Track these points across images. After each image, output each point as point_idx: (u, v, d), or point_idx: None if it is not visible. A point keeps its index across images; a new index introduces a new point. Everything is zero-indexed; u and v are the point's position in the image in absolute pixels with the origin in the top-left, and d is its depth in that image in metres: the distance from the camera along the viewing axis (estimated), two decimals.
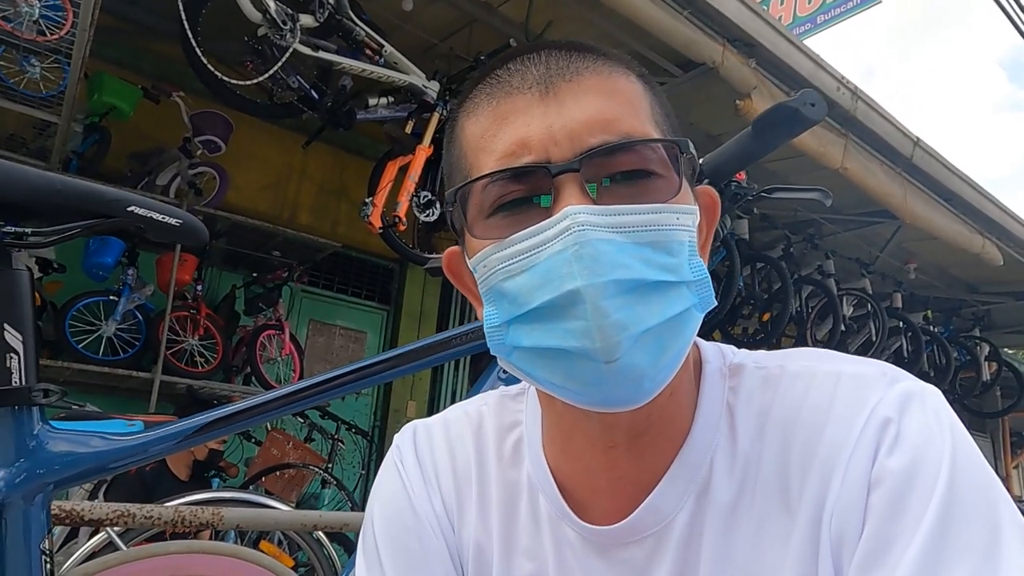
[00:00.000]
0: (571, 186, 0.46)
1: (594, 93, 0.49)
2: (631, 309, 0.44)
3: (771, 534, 0.49)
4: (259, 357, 3.90)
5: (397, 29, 3.67)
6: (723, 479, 0.51)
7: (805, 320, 5.28)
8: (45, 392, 0.67)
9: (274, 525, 1.78)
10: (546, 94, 0.49)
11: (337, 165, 4.81)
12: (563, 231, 0.45)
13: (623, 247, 0.45)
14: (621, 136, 0.48)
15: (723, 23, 3.62)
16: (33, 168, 0.68)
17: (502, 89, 0.51)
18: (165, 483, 2.81)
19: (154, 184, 3.76)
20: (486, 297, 0.50)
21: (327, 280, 4.91)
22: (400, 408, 5.03)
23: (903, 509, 0.45)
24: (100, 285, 3.63)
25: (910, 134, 4.72)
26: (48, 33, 2.55)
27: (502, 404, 0.63)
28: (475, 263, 0.50)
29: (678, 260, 0.47)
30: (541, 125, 0.48)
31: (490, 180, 0.48)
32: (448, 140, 0.56)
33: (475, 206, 0.49)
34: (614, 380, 0.45)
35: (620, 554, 0.53)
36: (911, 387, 0.49)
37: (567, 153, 0.47)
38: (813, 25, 6.76)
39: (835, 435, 0.49)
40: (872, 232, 5.58)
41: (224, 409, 0.78)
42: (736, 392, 0.54)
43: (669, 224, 0.47)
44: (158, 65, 4.00)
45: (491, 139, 0.50)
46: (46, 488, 0.66)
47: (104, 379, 3.47)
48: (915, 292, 6.44)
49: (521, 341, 0.47)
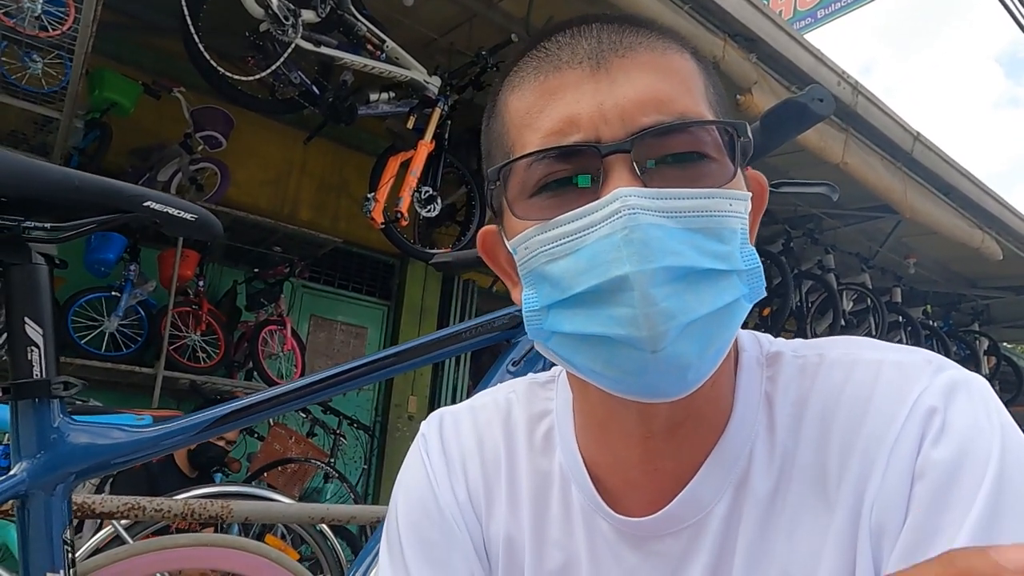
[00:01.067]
0: (621, 167, 0.44)
1: (648, 70, 0.47)
2: (680, 298, 0.43)
3: (808, 525, 0.48)
4: (261, 352, 3.91)
5: (398, 24, 3.66)
6: (762, 470, 0.50)
7: (805, 315, 5.30)
8: (65, 384, 0.68)
9: (282, 518, 1.80)
10: (597, 69, 0.46)
11: (338, 161, 4.81)
12: (612, 214, 0.43)
13: (674, 233, 0.43)
14: (675, 116, 0.45)
15: (724, 18, 3.62)
16: (52, 164, 0.69)
17: (550, 63, 0.48)
18: (170, 477, 2.82)
19: (155, 180, 3.76)
20: (526, 280, 0.48)
21: (328, 276, 4.92)
22: (401, 403, 5.04)
23: (949, 501, 0.43)
24: (102, 281, 3.63)
25: (910, 129, 4.72)
26: (50, 29, 2.55)
27: (531, 392, 0.61)
28: (515, 244, 0.48)
29: (730, 248, 0.45)
30: (591, 102, 0.46)
31: (535, 158, 0.46)
32: (489, 115, 0.54)
33: (517, 185, 0.47)
34: (658, 370, 0.43)
35: (656, 546, 0.52)
36: (957, 375, 0.47)
37: (618, 132, 0.45)
38: (814, 20, 6.76)
39: (877, 425, 0.47)
40: (872, 227, 5.59)
41: (233, 404, 0.79)
42: (774, 381, 0.52)
43: (722, 210, 0.45)
44: (159, 61, 4.00)
45: (537, 115, 0.47)
46: (67, 479, 0.67)
47: (107, 375, 3.48)
48: (915, 287, 6.46)
49: (562, 326, 0.46)
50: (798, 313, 5.23)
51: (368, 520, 1.48)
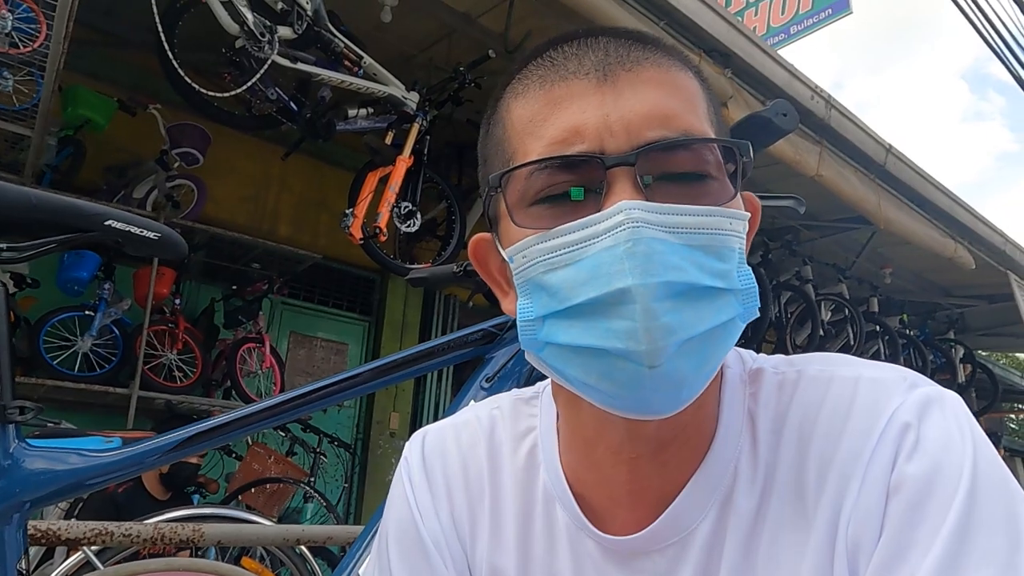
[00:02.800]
0: (624, 180, 0.44)
1: (654, 85, 0.47)
2: (680, 313, 0.43)
3: (788, 541, 0.48)
4: (239, 371, 3.86)
5: (376, 40, 3.67)
6: (745, 487, 0.50)
7: (785, 325, 5.34)
8: (21, 409, 0.66)
9: (257, 540, 1.76)
10: (604, 81, 0.46)
11: (317, 176, 4.79)
12: (616, 226, 0.43)
13: (676, 248, 0.43)
14: (680, 133, 0.46)
15: (699, 34, 3.67)
16: (8, 183, 0.68)
17: (556, 72, 0.48)
18: (140, 502, 2.75)
19: (131, 197, 3.72)
20: (522, 289, 0.47)
21: (308, 292, 4.88)
22: (383, 420, 4.99)
23: (922, 516, 0.43)
24: (75, 300, 3.57)
25: (882, 141, 4.81)
26: (21, 46, 2.52)
27: (516, 409, 0.61)
28: (513, 252, 0.47)
29: (729, 267, 0.45)
30: (597, 113, 0.46)
31: (538, 167, 0.46)
32: (490, 121, 0.53)
33: (518, 192, 0.47)
34: (653, 386, 0.43)
35: (640, 564, 0.51)
36: (931, 392, 0.48)
37: (623, 145, 0.45)
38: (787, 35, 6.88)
39: (853, 441, 0.47)
40: (848, 238, 5.66)
41: (204, 424, 0.78)
42: (756, 398, 0.53)
43: (723, 229, 0.45)
44: (134, 77, 3.97)
45: (541, 124, 0.47)
46: (23, 507, 0.64)
47: (80, 395, 3.41)
48: (891, 296, 6.54)
49: (557, 337, 0.45)
50: (777, 324, 5.28)
51: (345, 540, 1.46)
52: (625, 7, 3.35)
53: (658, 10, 3.50)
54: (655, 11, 3.50)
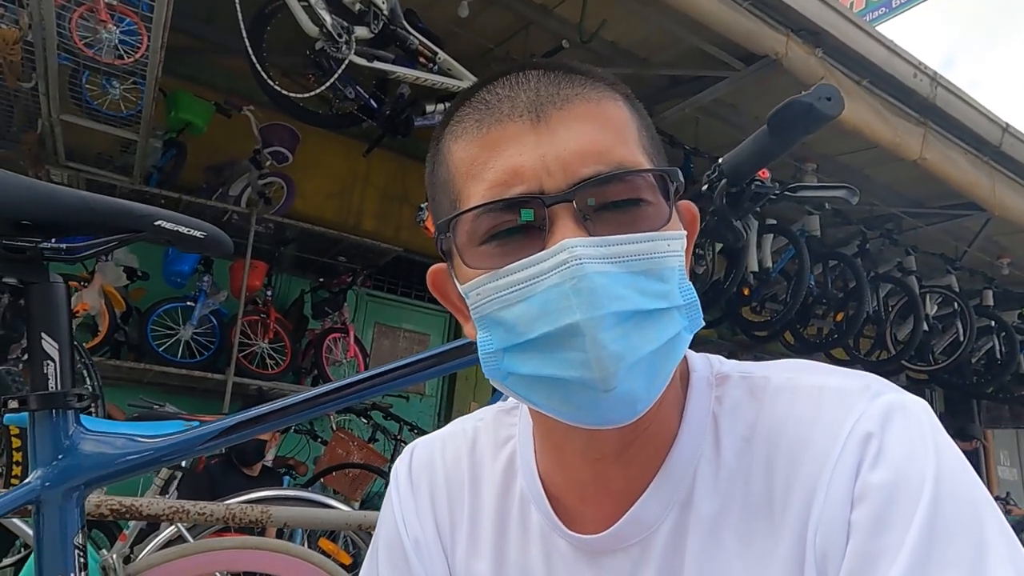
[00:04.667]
0: (565, 216, 0.47)
1: (584, 121, 0.49)
2: (627, 340, 0.45)
3: (756, 549, 0.49)
4: (325, 359, 4.04)
5: (454, 35, 3.72)
6: (707, 491, 0.52)
7: (884, 320, 5.02)
8: (79, 396, 0.71)
9: (320, 524, 1.84)
10: (537, 122, 0.49)
11: (399, 171, 4.92)
12: (560, 264, 0.45)
13: (619, 278, 0.46)
14: (613, 166, 0.48)
15: (786, 12, 3.48)
16: (67, 188, 0.73)
17: (491, 115, 0.50)
18: (232, 477, 2.94)
19: (227, 195, 3.96)
20: (479, 323, 0.50)
21: (391, 284, 5.03)
22: (463, 409, 5.09)
23: (887, 525, 0.44)
24: (179, 291, 3.85)
25: (998, 120, 4.41)
26: (126, 56, 2.72)
27: (498, 419, 0.64)
28: (467, 290, 0.50)
29: (670, 286, 0.48)
30: (534, 155, 0.48)
31: (483, 210, 0.48)
32: (433, 160, 0.56)
33: (466, 234, 0.49)
34: (609, 405, 0.46)
35: (607, 563, 0.54)
36: (894, 400, 0.49)
37: (560, 183, 0.47)
38: (888, 10, 6.41)
39: (818, 450, 0.48)
40: (958, 226, 5.24)
41: (248, 413, 0.82)
42: (721, 402, 0.54)
43: (661, 252, 0.47)
44: (230, 80, 4.21)
45: (481, 167, 0.49)
46: (80, 487, 0.70)
47: (182, 380, 3.67)
48: (1009, 288, 6.00)
49: (518, 368, 0.48)
50: (875, 318, 4.96)
51: None
52: None
53: None
54: None
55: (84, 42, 2.64)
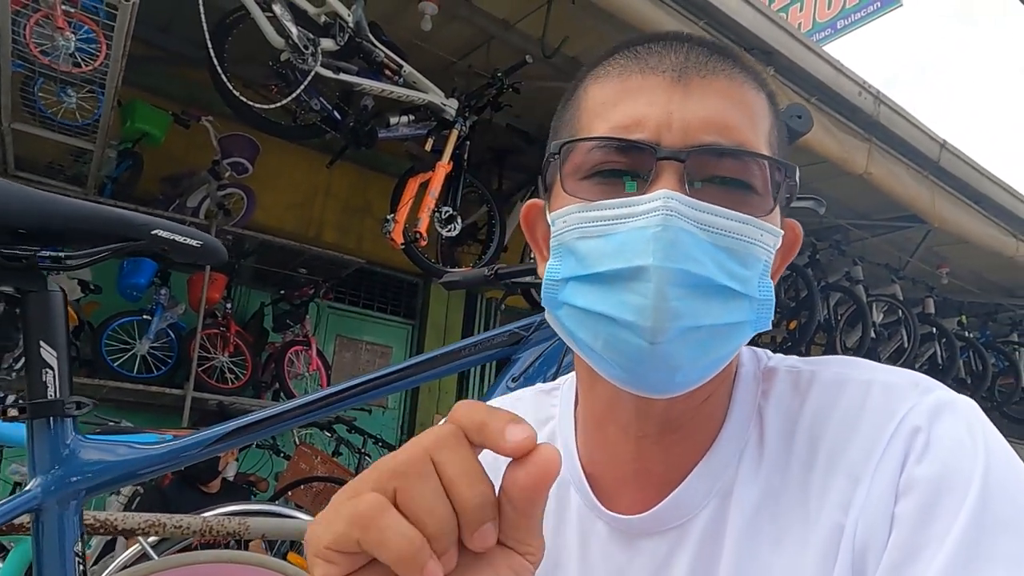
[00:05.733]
0: (671, 173, 0.47)
1: (721, 95, 0.50)
2: (690, 302, 0.45)
3: (792, 537, 0.49)
4: (287, 373, 3.98)
5: (417, 49, 3.74)
6: (748, 481, 0.52)
7: (834, 327, 5.21)
8: (77, 404, 0.71)
9: (299, 535, 1.82)
10: (677, 82, 0.49)
11: (361, 183, 4.90)
12: (652, 210, 0.46)
13: (702, 244, 0.46)
14: (734, 143, 0.48)
15: (739, 32, 3.62)
16: (66, 197, 0.74)
17: (637, 64, 0.51)
18: (188, 496, 2.86)
19: (184, 206, 3.88)
20: (555, 251, 0.50)
21: (353, 296, 4.99)
22: (426, 422, 5.06)
23: (932, 518, 0.44)
24: (134, 305, 3.75)
25: (936, 137, 4.65)
26: (83, 64, 2.66)
27: (537, 399, 0.64)
28: (556, 216, 0.50)
29: (750, 274, 0.47)
30: (662, 109, 0.48)
31: (597, 144, 0.49)
32: (567, 99, 0.56)
33: (574, 164, 0.50)
34: (650, 363, 0.46)
35: (643, 544, 0.54)
36: (943, 396, 0.49)
37: (677, 142, 0.48)
38: (833, 31, 6.70)
39: (863, 443, 0.48)
40: (901, 237, 5.48)
41: (244, 419, 0.82)
42: (767, 396, 0.54)
43: (752, 237, 0.47)
44: (188, 90, 4.13)
45: (611, 108, 0.50)
46: (79, 494, 0.70)
47: (138, 396, 3.57)
48: (948, 297, 6.30)
49: (575, 300, 0.48)
50: (826, 326, 5.14)
51: None
52: (663, 7, 3.34)
53: (697, 9, 3.47)
54: (694, 10, 3.47)
55: (40, 49, 2.58)
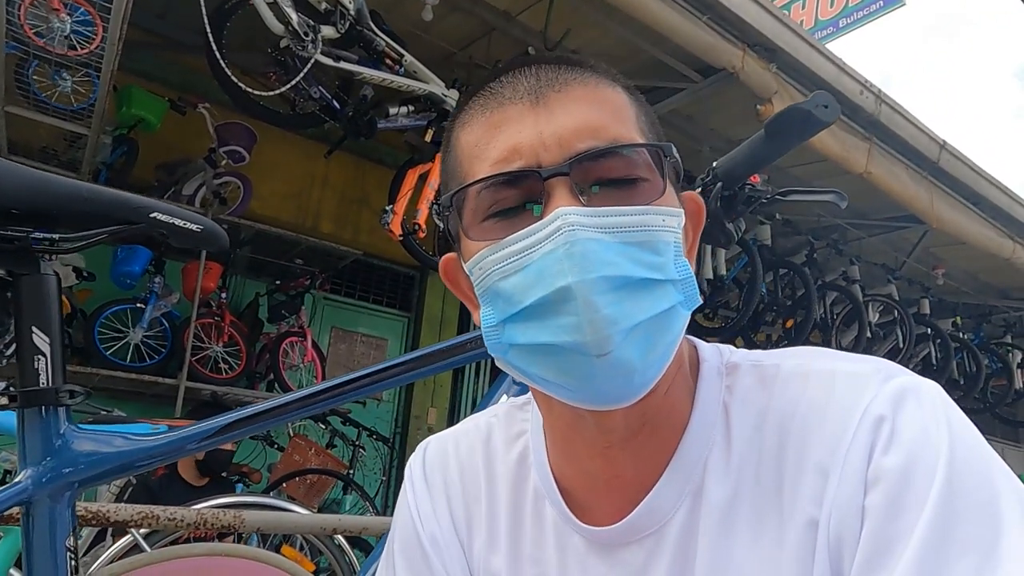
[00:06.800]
0: (561, 189, 0.48)
1: (582, 102, 0.51)
2: (620, 305, 0.46)
3: (767, 534, 0.49)
4: (282, 364, 3.95)
5: (417, 39, 3.70)
6: (718, 478, 0.52)
7: (830, 327, 5.21)
8: (71, 393, 0.69)
9: (294, 528, 1.80)
10: (536, 104, 0.51)
11: (359, 174, 4.86)
12: (554, 231, 0.46)
13: (611, 246, 0.46)
14: (608, 142, 0.49)
15: (743, 28, 3.60)
16: (61, 176, 0.71)
17: (494, 100, 0.52)
18: (175, 489, 2.83)
19: (180, 194, 3.84)
20: (482, 298, 0.51)
21: (349, 287, 4.96)
22: (421, 415, 5.05)
23: (901, 508, 0.44)
24: (128, 293, 3.71)
25: (936, 137, 4.64)
26: (79, 47, 2.62)
27: (510, 415, 0.65)
28: (471, 266, 0.51)
29: (664, 259, 0.48)
30: (532, 132, 0.50)
31: (484, 184, 0.50)
32: (444, 151, 0.58)
33: (470, 211, 0.51)
34: (605, 375, 0.46)
35: (620, 554, 0.54)
36: (906, 383, 0.49)
37: (557, 158, 0.49)
38: (835, 29, 6.69)
39: (830, 435, 0.48)
40: (898, 237, 5.49)
41: (243, 411, 0.80)
42: (732, 390, 0.54)
43: (655, 225, 0.48)
44: (185, 77, 4.09)
45: (484, 147, 0.51)
46: (72, 487, 0.67)
47: (131, 385, 3.53)
48: (943, 298, 6.32)
49: (516, 339, 0.49)
50: (823, 325, 5.14)
51: (380, 531, 1.48)
52: (667, 1, 3.31)
53: (701, 4, 3.45)
54: (698, 5, 3.44)
55: (34, 31, 2.53)
